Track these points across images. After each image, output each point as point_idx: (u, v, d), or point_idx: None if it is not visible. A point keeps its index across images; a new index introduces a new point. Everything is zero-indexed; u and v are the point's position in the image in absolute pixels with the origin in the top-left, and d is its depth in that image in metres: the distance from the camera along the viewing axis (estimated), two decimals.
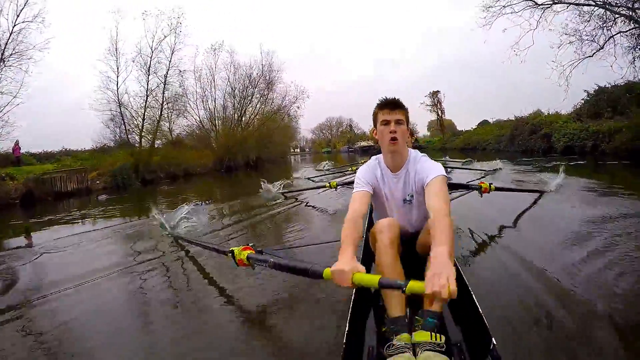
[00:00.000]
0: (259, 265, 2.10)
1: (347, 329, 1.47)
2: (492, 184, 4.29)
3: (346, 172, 11.51)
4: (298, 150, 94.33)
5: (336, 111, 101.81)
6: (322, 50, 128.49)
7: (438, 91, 40.74)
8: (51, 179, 15.78)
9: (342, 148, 74.94)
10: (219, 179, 22.56)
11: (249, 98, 33.62)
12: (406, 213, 1.96)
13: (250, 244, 2.22)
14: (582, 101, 18.69)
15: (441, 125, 41.51)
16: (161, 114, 24.13)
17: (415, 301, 1.48)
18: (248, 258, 2.10)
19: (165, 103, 24.34)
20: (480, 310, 1.49)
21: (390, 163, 1.91)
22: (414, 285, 1.19)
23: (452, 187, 4.62)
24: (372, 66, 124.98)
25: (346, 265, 1.34)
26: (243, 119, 33.83)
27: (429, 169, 1.79)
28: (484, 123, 35.19)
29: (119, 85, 22.06)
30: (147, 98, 22.95)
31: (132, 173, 20.27)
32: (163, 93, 23.94)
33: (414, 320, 1.45)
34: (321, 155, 62.30)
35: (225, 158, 29.44)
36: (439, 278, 1.14)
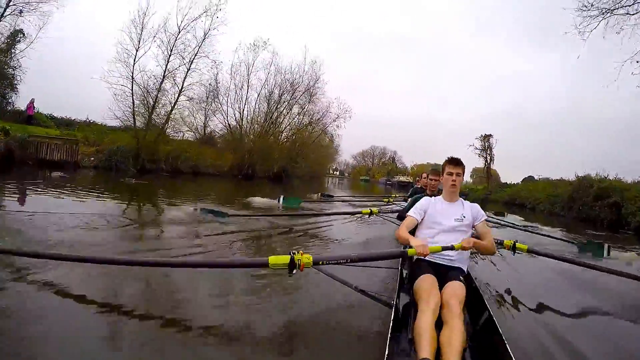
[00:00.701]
0: (332, 264, 2.28)
1: (386, 352, 1.72)
2: (516, 242, 3.81)
3: (378, 202, 11.07)
4: (337, 173, 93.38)
5: (381, 141, 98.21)
6: (376, 78, 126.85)
7: (490, 135, 36.59)
8: (37, 144, 14.65)
9: (381, 179, 71.97)
10: (232, 184, 20.92)
11: (286, 105, 32.07)
12: (454, 228, 2.61)
13: (294, 250, 2.23)
14: None
15: (488, 173, 37.18)
16: (177, 100, 22.86)
17: (438, 350, 1.77)
18: (315, 262, 2.20)
19: (184, 90, 23.06)
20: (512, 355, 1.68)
21: (448, 197, 2.74)
22: (457, 245, 2.38)
23: None
24: (425, 104, 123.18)
25: (423, 245, 2.31)
26: (275, 125, 32.45)
27: (479, 211, 2.73)
28: (529, 179, 31.31)
29: (136, 60, 20.68)
30: (163, 79, 21.78)
31: (130, 157, 19.04)
32: (184, 78, 22.82)
33: None
34: (358, 182, 60.61)
35: (246, 163, 28.01)
36: (469, 242, 2.44)
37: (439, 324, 1.93)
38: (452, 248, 2.36)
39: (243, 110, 30.10)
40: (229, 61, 29.32)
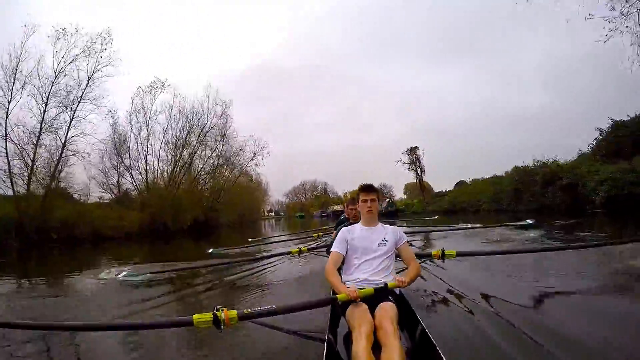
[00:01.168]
0: (259, 318, 2.22)
1: None
2: (444, 249, 3.92)
3: (309, 238, 11.02)
4: (273, 214, 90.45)
5: (311, 175, 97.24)
6: (297, 113, 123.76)
7: (416, 147, 37.10)
8: None
9: (316, 213, 69.83)
10: (142, 246, 17.00)
11: (195, 148, 28.51)
12: (379, 252, 2.60)
13: (218, 307, 2.13)
14: (594, 141, 15.43)
15: (421, 185, 37.24)
16: (61, 156, 18.18)
17: None
18: (240, 317, 2.13)
19: (69, 142, 18.57)
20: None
21: (367, 223, 2.73)
22: (391, 284, 2.37)
23: None
24: (349, 132, 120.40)
25: (352, 290, 2.25)
26: (186, 172, 28.41)
27: (399, 234, 2.72)
28: (461, 184, 31.82)
29: (9, 113, 16.44)
30: (40, 132, 17.21)
31: (12, 229, 15.28)
32: (68, 129, 18.40)
33: None
34: (295, 219, 58.52)
35: (157, 221, 23.44)
36: (402, 281, 2.36)
37: (377, 349, 1.92)
38: (385, 287, 2.33)
39: (145, 161, 25.69)
40: (127, 110, 25.31)
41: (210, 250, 8.18)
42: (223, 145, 31.30)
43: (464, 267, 4.87)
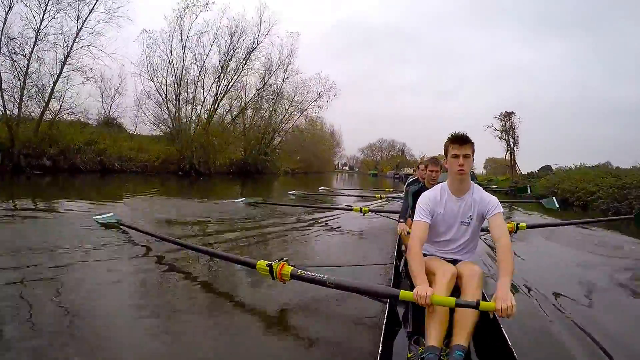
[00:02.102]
0: (308, 280, 2.21)
1: (380, 349, 1.66)
2: (519, 223, 4.28)
3: (371, 197, 11.23)
4: (347, 168, 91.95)
5: (390, 135, 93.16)
6: (379, 74, 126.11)
7: (512, 113, 28.64)
8: None
9: (389, 173, 64.88)
10: (154, 183, 15.67)
11: (233, 74, 24.82)
12: (460, 233, 2.19)
13: (284, 259, 2.35)
14: None
15: (512, 160, 29.04)
16: (61, 72, 16.41)
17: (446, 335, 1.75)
18: (292, 276, 2.24)
19: (72, 55, 16.64)
20: (514, 353, 1.63)
21: (456, 189, 2.16)
22: (486, 304, 1.64)
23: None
24: (431, 98, 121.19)
25: (427, 289, 1.74)
26: (231, 107, 25.72)
27: (490, 202, 2.11)
28: (547, 169, 25.49)
29: (6, 21, 14.94)
30: (35, 40, 15.39)
31: None
32: (75, 39, 16.40)
33: (442, 350, 1.69)
34: (367, 177, 57.49)
35: (187, 157, 21.57)
36: (506, 300, 1.63)
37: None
38: (475, 306, 1.66)
39: (179, 86, 23.28)
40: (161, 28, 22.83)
41: (292, 192, 10.36)
42: (284, 81, 27.84)
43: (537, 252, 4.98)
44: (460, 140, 2.06)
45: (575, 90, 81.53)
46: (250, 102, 26.93)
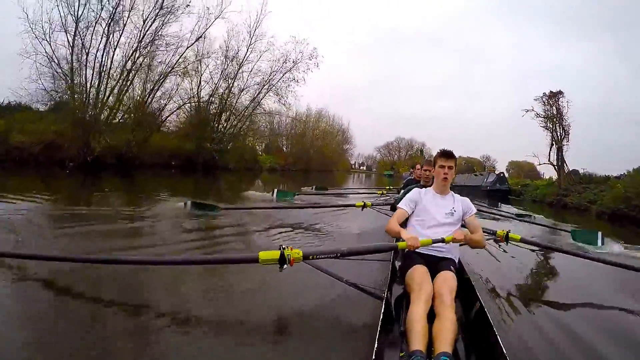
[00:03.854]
0: (322, 258, 2.28)
1: (375, 347, 1.67)
2: (509, 232, 3.77)
3: (373, 194, 11.30)
4: (364, 168, 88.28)
5: (409, 134, 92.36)
6: (402, 75, 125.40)
7: (560, 93, 20.57)
8: None
9: (405, 174, 56.82)
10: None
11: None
12: (445, 220, 2.61)
13: (284, 246, 2.24)
14: None
15: (560, 157, 20.62)
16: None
17: (430, 342, 1.77)
18: (305, 255, 2.22)
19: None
20: (503, 350, 1.66)
21: (440, 190, 2.71)
22: (447, 238, 2.40)
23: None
24: (455, 99, 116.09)
25: (412, 235, 2.35)
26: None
27: (470, 205, 2.74)
28: (574, 173, 20.86)
29: None
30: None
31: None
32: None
33: (429, 355, 1.72)
34: (382, 178, 53.61)
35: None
36: (458, 233, 2.49)
37: (431, 317, 1.93)
38: (442, 241, 2.39)
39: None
40: None
41: (275, 192, 8.99)
42: (250, 48, 21.30)
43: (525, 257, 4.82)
44: (447, 155, 2.63)
45: (600, 94, 76.42)
46: (188, 68, 20.25)
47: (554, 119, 20.54)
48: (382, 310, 2.00)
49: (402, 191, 3.92)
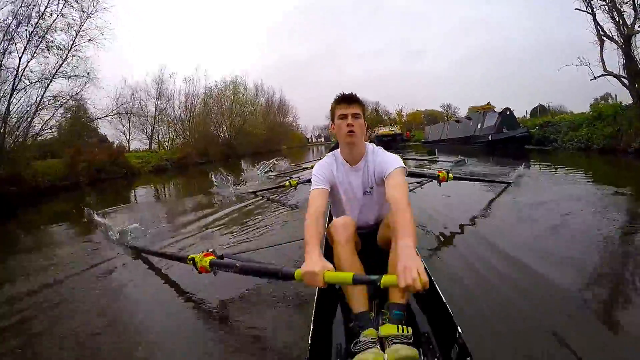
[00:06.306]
0: (223, 271, 2.09)
1: (312, 327, 1.43)
2: (449, 172, 4.44)
3: (305, 170, 9.96)
4: (322, 139, 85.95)
5: (360, 95, 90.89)
6: (341, 46, 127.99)
7: None
8: None
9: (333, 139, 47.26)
10: None
11: None
12: (366, 205, 1.93)
13: (210, 250, 2.20)
14: None
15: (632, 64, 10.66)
16: None
17: (379, 295, 1.56)
18: (211, 264, 2.09)
19: None
20: (444, 300, 1.49)
21: (349, 157, 1.87)
22: (387, 279, 1.20)
23: (410, 175, 4.52)
24: (399, 58, 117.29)
25: (316, 265, 1.32)
26: None
27: (388, 162, 1.78)
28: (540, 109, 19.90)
29: None
30: None
31: None
32: None
33: (381, 314, 1.48)
34: (332, 145, 39.47)
35: None
36: (410, 271, 1.13)
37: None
38: (370, 282, 1.26)
39: None
40: None
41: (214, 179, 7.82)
42: None
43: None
44: (346, 100, 1.80)
45: (535, 33, 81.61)
46: None
47: None
48: (316, 297, 1.64)
49: None
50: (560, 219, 3.39)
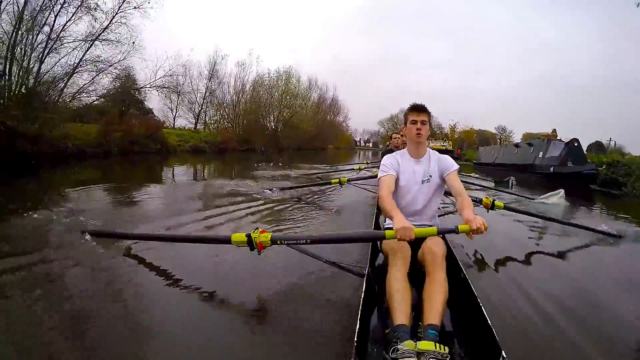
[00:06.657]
0: (290, 245, 2.16)
1: (357, 327, 1.54)
2: (495, 200, 3.96)
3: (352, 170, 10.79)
4: (370, 145, 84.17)
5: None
6: (404, 53, 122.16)
7: None
8: None
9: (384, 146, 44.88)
10: None
11: None
12: (421, 192, 2.29)
13: (255, 229, 2.21)
14: None
15: None
16: None
17: (416, 314, 1.70)
18: (272, 239, 2.11)
19: None
20: (489, 322, 1.54)
21: (414, 152, 2.33)
22: (462, 227, 1.80)
23: (446, 194, 4.13)
24: (458, 72, 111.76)
25: (406, 223, 1.81)
26: None
27: (448, 162, 2.29)
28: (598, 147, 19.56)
29: None
30: None
31: None
32: None
33: (417, 331, 1.64)
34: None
35: None
36: (476, 220, 1.80)
37: (418, 285, 1.82)
38: (454, 231, 1.87)
39: None
40: None
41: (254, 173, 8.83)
42: None
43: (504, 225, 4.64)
44: (418, 109, 2.25)
45: (605, 65, 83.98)
46: None
47: None
48: (364, 287, 1.90)
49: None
50: None
